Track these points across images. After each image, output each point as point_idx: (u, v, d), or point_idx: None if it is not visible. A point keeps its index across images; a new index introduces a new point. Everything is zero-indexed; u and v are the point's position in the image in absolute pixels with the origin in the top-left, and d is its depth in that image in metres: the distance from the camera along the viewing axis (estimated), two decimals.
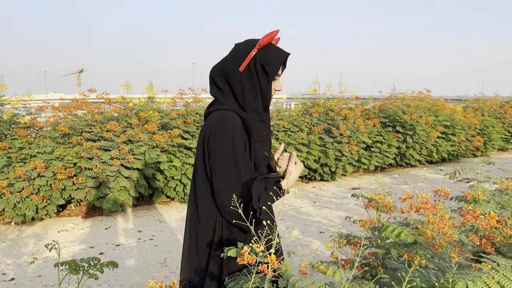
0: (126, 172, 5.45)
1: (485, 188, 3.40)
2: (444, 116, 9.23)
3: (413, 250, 1.74)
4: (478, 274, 1.03)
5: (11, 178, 4.84)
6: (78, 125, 5.92)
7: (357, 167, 7.97)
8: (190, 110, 6.67)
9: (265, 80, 1.57)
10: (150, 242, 4.45)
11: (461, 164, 9.48)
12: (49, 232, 4.80)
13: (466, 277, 1.04)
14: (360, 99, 9.14)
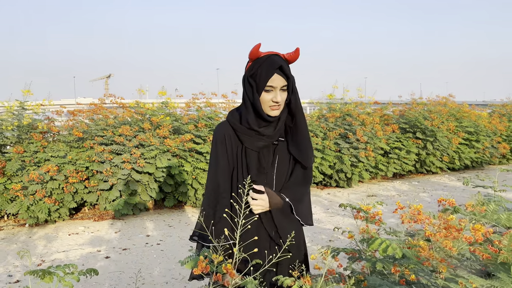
0: (137, 176, 5.47)
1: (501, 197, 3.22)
2: (467, 122, 8.91)
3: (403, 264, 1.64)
4: None
5: (25, 181, 4.93)
6: (92, 129, 6.00)
7: (375, 174, 7.77)
8: (202, 114, 6.67)
9: (250, 90, 1.59)
10: (157, 247, 4.43)
11: (485, 171, 9.12)
12: (60, 235, 4.86)
13: None
14: (379, 104, 8.93)
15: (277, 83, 1.55)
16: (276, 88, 1.56)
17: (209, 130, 6.44)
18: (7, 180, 5.07)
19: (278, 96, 1.56)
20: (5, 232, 5.03)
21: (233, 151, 1.65)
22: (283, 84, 1.56)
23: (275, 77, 1.54)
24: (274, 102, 1.57)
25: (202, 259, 1.06)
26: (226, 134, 1.65)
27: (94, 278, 3.60)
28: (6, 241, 4.66)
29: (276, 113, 1.59)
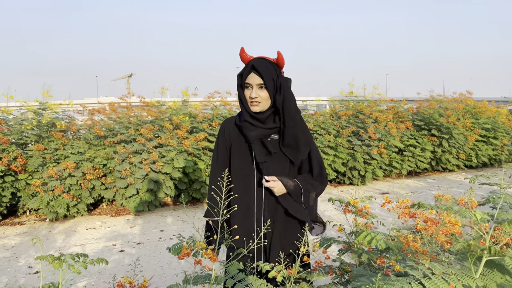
0: (153, 175, 5.63)
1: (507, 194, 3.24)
2: (485, 118, 8.77)
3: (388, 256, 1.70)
4: (407, 281, 1.00)
5: (44, 177, 5.16)
6: (115, 127, 6.17)
7: (389, 171, 7.75)
8: (216, 113, 6.79)
9: (238, 89, 1.84)
10: (170, 241, 4.58)
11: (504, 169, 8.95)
12: (78, 229, 5.06)
13: (396, 284, 1.01)
14: (395, 101, 8.87)
15: (252, 81, 1.76)
16: (252, 85, 1.77)
17: None
18: (28, 176, 5.31)
19: (253, 93, 1.75)
20: (27, 226, 5.27)
21: (231, 142, 1.89)
22: (258, 82, 1.75)
23: (251, 75, 1.75)
24: (250, 98, 1.78)
25: (186, 246, 1.16)
26: (225, 128, 1.91)
27: (108, 270, 3.76)
28: (27, 235, 4.89)
29: (255, 109, 1.77)
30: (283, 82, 1.77)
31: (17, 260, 4.07)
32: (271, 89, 1.75)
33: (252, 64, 1.74)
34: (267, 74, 1.74)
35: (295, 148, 1.82)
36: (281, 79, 1.77)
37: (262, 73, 1.73)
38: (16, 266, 3.93)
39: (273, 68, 1.76)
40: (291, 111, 1.79)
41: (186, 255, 1.14)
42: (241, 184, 1.84)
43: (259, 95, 1.75)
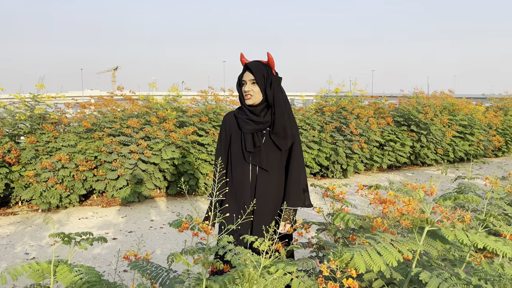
0: (143, 166, 5.84)
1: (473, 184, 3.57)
2: (462, 115, 9.17)
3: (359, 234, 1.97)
4: (364, 247, 1.26)
5: (38, 169, 5.32)
6: (101, 121, 6.36)
7: (370, 165, 8.08)
8: (209, 108, 7.00)
9: (237, 88, 2.23)
10: (160, 230, 4.80)
11: (479, 164, 9.38)
12: (70, 219, 5.25)
13: (354, 249, 1.27)
14: (377, 97, 9.20)
15: (246, 78, 2.15)
16: (246, 82, 2.15)
17: (214, 124, 6.78)
18: (21, 168, 5.46)
19: (247, 87, 2.14)
20: (20, 216, 5.43)
21: (231, 132, 2.25)
22: (251, 78, 2.12)
23: (245, 73, 2.15)
24: (244, 92, 2.16)
25: (185, 221, 1.40)
26: (227, 121, 2.29)
27: (102, 256, 3.98)
28: (22, 224, 5.06)
29: (248, 101, 2.15)
30: (273, 79, 2.13)
31: (13, 247, 4.25)
32: (261, 85, 2.11)
33: (246, 65, 2.14)
34: (257, 72, 2.11)
35: (282, 137, 2.16)
36: (271, 76, 2.13)
37: (253, 71, 2.11)
38: (13, 252, 4.11)
39: (264, 67, 2.13)
40: (280, 104, 2.15)
41: (186, 228, 1.38)
42: (239, 168, 2.21)
43: (252, 89, 2.12)
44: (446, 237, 1.29)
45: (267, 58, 2.15)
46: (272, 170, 2.18)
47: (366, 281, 1.64)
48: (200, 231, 1.43)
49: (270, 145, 2.18)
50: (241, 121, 2.18)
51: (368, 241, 1.31)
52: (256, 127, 2.16)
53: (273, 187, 2.18)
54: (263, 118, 2.15)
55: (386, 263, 1.23)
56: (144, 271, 1.61)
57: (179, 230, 1.41)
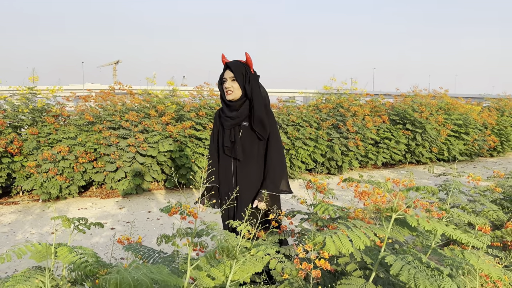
0: (141, 159, 5.97)
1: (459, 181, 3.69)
2: (457, 115, 9.29)
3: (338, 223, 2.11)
4: (335, 232, 1.40)
5: (39, 160, 5.46)
6: (101, 114, 6.50)
7: (365, 163, 8.21)
8: (204, 103, 7.13)
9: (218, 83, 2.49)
10: (156, 221, 4.95)
11: (474, 163, 9.52)
12: (70, 209, 5.39)
13: (327, 233, 1.41)
14: (372, 96, 9.33)
15: (226, 76, 2.39)
16: (226, 79, 2.39)
17: (210, 118, 6.91)
18: (23, 158, 5.60)
19: (227, 84, 2.38)
20: (21, 206, 5.57)
21: (218, 128, 2.57)
22: (231, 76, 2.37)
23: (226, 72, 2.40)
24: (225, 88, 2.39)
25: (174, 206, 1.53)
26: (216, 116, 2.58)
27: (100, 244, 4.13)
28: (22, 213, 5.20)
29: (229, 97, 2.40)
30: (251, 77, 2.38)
31: (14, 235, 4.40)
32: (241, 81, 2.35)
33: (226, 64, 2.39)
34: (237, 70, 2.36)
35: (261, 126, 2.41)
36: (249, 74, 2.37)
37: (233, 69, 2.35)
38: (14, 239, 4.26)
39: (242, 66, 2.37)
40: (258, 99, 2.39)
41: (175, 212, 1.51)
42: (223, 160, 2.52)
43: (232, 85, 2.37)
44: (410, 224, 1.43)
45: (245, 58, 2.39)
46: (248, 160, 2.44)
47: (342, 265, 1.78)
48: (189, 216, 1.56)
49: (248, 138, 2.43)
50: (223, 119, 2.48)
51: (340, 227, 1.45)
52: (233, 122, 2.42)
53: (253, 175, 2.42)
54: (239, 111, 2.40)
55: (354, 246, 1.37)
56: (137, 252, 1.75)
57: (169, 214, 1.54)
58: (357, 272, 1.64)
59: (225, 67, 2.40)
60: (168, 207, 1.62)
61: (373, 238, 1.39)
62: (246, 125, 2.42)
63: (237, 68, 2.35)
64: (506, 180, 4.01)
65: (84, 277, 1.89)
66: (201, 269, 1.41)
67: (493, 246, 2.33)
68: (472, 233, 1.95)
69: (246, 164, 2.42)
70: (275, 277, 1.65)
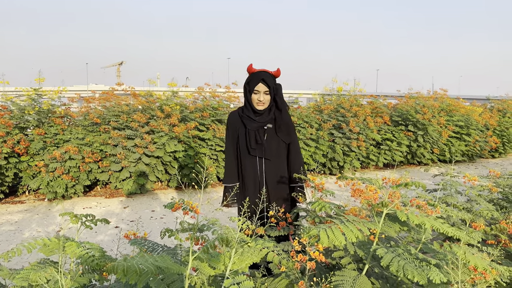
0: (146, 159, 6.08)
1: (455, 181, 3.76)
2: (459, 116, 9.34)
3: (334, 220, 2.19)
4: (330, 226, 1.48)
5: (46, 159, 5.57)
6: (107, 115, 6.60)
7: (367, 163, 8.28)
8: (207, 104, 7.22)
9: (246, 93, 2.60)
10: (160, 220, 5.04)
11: (475, 164, 9.56)
12: (75, 208, 5.49)
13: (321, 226, 1.49)
14: (375, 97, 9.40)
15: (261, 89, 2.53)
16: (260, 92, 2.53)
17: (213, 119, 7.00)
18: (30, 158, 5.71)
19: (261, 97, 2.53)
20: (27, 205, 5.69)
21: (236, 131, 2.65)
22: (265, 90, 2.52)
23: (260, 85, 2.52)
24: (258, 101, 2.54)
25: (178, 203, 1.62)
26: (231, 120, 2.68)
27: (105, 242, 4.22)
28: (29, 212, 5.31)
29: (260, 108, 2.57)
30: (278, 88, 2.59)
31: (21, 233, 4.51)
32: (272, 94, 2.54)
33: (262, 78, 2.50)
34: (271, 84, 2.53)
35: (286, 133, 2.62)
36: (277, 85, 2.58)
37: (269, 83, 2.52)
38: (21, 237, 4.36)
39: (273, 79, 2.56)
40: (284, 108, 2.63)
41: (178, 208, 1.60)
42: (247, 160, 2.63)
43: (265, 98, 2.54)
44: (400, 218, 1.51)
45: (277, 71, 2.58)
46: (274, 158, 2.61)
47: (337, 259, 1.86)
48: (191, 211, 1.65)
49: (272, 139, 2.60)
50: (246, 120, 2.60)
51: (334, 221, 1.53)
52: (259, 125, 2.58)
53: (280, 173, 2.61)
54: (265, 118, 2.58)
55: (347, 239, 1.45)
56: (142, 246, 1.84)
57: (172, 210, 1.63)
58: (351, 265, 1.72)
59: (259, 79, 2.51)
60: (171, 203, 1.71)
61: (366, 232, 1.47)
62: (271, 127, 2.59)
63: (271, 83, 2.52)
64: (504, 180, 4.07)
65: (91, 270, 1.99)
66: (202, 260, 1.50)
67: (488, 244, 2.40)
68: (464, 230, 2.02)
69: (273, 163, 2.59)
70: (273, 269, 1.74)
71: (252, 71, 2.57)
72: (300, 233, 1.79)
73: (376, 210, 1.61)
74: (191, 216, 1.75)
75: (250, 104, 2.59)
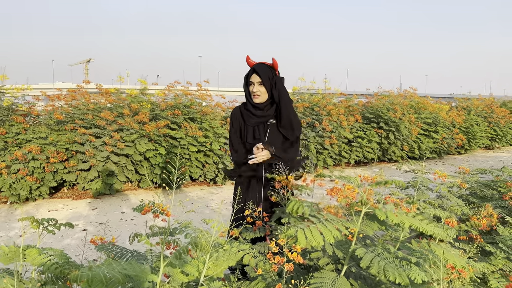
0: (115, 158, 5.88)
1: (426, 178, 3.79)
2: (427, 114, 9.56)
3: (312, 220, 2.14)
4: (307, 225, 1.43)
5: (7, 160, 5.29)
6: (74, 113, 6.35)
7: (339, 161, 8.34)
8: (179, 102, 7.07)
9: (244, 86, 2.53)
10: (130, 222, 4.88)
11: (443, 160, 9.82)
12: (40, 211, 5.25)
13: (298, 226, 1.44)
14: (345, 95, 9.49)
15: (253, 80, 2.45)
16: (254, 83, 2.45)
17: (185, 117, 6.86)
18: None
19: (255, 88, 2.45)
20: None
21: (239, 124, 2.59)
22: (258, 80, 2.43)
23: (253, 75, 2.45)
24: (252, 92, 2.46)
25: (147, 205, 1.53)
26: (235, 114, 2.60)
27: (72, 246, 4.04)
28: None
29: (256, 100, 2.47)
30: (277, 80, 2.45)
31: None
32: (268, 86, 2.43)
33: (253, 68, 2.44)
34: (264, 74, 2.42)
35: (289, 128, 2.51)
36: (276, 78, 2.45)
37: (260, 73, 2.42)
38: None
39: (269, 70, 2.44)
40: (285, 102, 2.48)
41: (147, 211, 1.51)
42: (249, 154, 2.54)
43: (259, 90, 2.44)
44: (379, 217, 1.47)
45: (272, 61, 2.46)
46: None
47: (315, 259, 1.81)
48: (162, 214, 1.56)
49: (275, 136, 2.50)
50: (245, 115, 2.53)
51: (313, 220, 1.48)
52: (258, 120, 2.50)
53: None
54: (266, 112, 2.48)
55: (325, 240, 1.40)
56: (110, 252, 1.73)
57: (141, 213, 1.53)
58: (329, 266, 1.67)
59: (252, 70, 2.45)
60: (141, 206, 1.61)
61: (345, 232, 1.43)
62: (274, 123, 2.49)
63: (264, 73, 2.41)
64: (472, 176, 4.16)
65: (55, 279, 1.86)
66: (174, 266, 1.41)
67: (460, 240, 2.42)
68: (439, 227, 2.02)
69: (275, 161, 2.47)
70: (249, 273, 1.67)
71: (250, 63, 2.51)
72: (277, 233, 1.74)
73: (355, 209, 1.57)
74: (161, 219, 1.65)
75: (246, 98, 2.54)
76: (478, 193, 4.01)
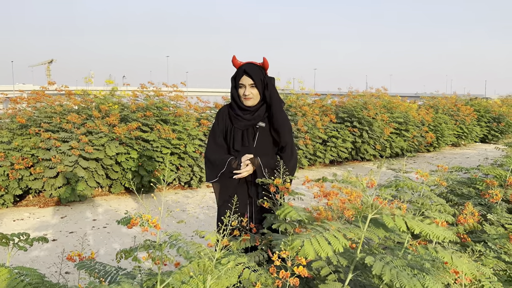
0: (84, 163, 5.59)
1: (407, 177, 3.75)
2: (398, 113, 9.72)
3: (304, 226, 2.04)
4: (313, 235, 1.32)
5: None
6: (38, 116, 6.00)
7: (314, 161, 8.33)
8: (151, 103, 6.83)
9: (232, 87, 2.36)
10: (103, 229, 4.64)
11: (414, 158, 10.01)
12: (4, 221, 4.91)
13: (304, 236, 1.33)
14: (319, 95, 9.51)
15: (245, 82, 2.28)
16: (245, 85, 2.28)
17: (157, 119, 6.62)
18: None
19: (246, 91, 2.28)
20: None
21: (225, 125, 2.41)
22: (250, 82, 2.27)
23: (244, 77, 2.27)
24: (244, 95, 2.29)
25: (134, 217, 1.38)
26: (222, 113, 2.43)
27: (41, 258, 3.78)
28: None
29: (248, 103, 2.30)
30: (268, 81, 2.31)
31: None
32: (260, 87, 2.28)
33: (244, 69, 2.26)
34: (256, 76, 2.27)
35: (282, 131, 2.33)
36: (267, 78, 2.30)
37: (253, 75, 2.26)
38: None
39: (260, 71, 2.29)
40: (277, 104, 2.33)
41: (135, 224, 1.36)
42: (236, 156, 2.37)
43: (251, 92, 2.28)
44: (387, 224, 1.38)
45: (263, 61, 2.32)
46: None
47: (314, 269, 1.71)
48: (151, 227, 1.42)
49: (264, 139, 2.35)
50: (233, 118, 2.36)
51: (316, 229, 1.37)
52: (248, 124, 2.33)
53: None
54: (255, 114, 2.32)
55: (334, 249, 1.30)
56: (92, 270, 1.57)
57: (128, 226, 1.38)
58: (331, 276, 1.58)
59: (242, 72, 2.28)
60: (126, 218, 1.46)
61: (355, 239, 1.33)
62: (263, 126, 2.33)
63: (256, 74, 2.27)
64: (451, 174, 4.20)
65: None
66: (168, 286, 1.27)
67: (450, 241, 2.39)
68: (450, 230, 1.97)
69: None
70: (247, 287, 1.55)
71: (236, 64, 2.34)
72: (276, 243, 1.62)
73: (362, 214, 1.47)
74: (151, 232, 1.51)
75: (235, 101, 2.34)
76: (457, 191, 4.03)
